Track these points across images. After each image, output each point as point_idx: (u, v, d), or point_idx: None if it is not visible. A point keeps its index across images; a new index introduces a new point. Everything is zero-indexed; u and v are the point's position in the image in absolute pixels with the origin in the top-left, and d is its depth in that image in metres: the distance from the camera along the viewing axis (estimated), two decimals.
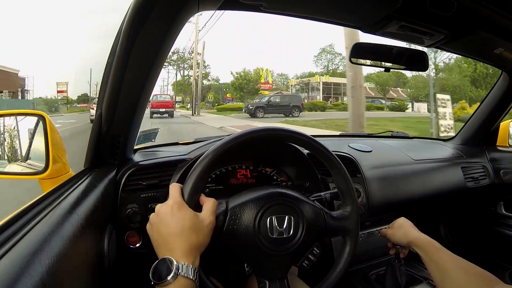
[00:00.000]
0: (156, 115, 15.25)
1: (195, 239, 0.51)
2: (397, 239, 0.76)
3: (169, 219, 0.51)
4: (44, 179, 0.69)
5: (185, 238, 0.50)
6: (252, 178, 0.87)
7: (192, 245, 0.50)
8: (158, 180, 0.73)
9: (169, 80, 37.24)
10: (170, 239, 0.50)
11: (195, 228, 0.51)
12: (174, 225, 0.51)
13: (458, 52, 0.93)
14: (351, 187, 0.65)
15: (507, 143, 1.35)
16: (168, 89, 36.18)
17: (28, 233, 0.40)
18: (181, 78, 34.99)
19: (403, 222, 0.78)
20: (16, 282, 0.31)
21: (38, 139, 0.71)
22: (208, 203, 0.56)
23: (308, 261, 0.62)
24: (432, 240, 0.69)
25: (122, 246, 0.68)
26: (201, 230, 0.52)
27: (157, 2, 0.49)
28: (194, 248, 0.51)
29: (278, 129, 0.63)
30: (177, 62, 34.39)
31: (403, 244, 0.75)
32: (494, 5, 0.63)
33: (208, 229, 0.53)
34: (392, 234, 0.78)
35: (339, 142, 1.16)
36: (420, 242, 0.70)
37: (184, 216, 0.52)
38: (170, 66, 35.12)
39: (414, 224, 0.77)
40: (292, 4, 0.64)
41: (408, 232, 0.74)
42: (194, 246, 0.51)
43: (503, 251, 1.28)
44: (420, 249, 0.69)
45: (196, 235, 0.51)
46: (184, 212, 0.52)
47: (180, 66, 35.00)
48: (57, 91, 22.34)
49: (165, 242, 0.51)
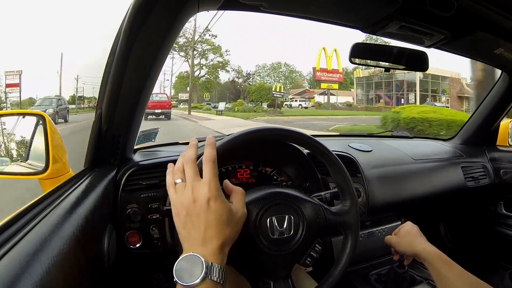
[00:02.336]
0: (151, 117, 13.76)
1: (228, 234, 0.47)
2: (402, 249, 0.73)
3: (202, 214, 0.45)
4: (44, 179, 0.69)
5: (220, 233, 0.46)
6: (252, 177, 0.87)
7: (224, 240, 0.46)
8: (158, 180, 0.73)
9: (173, 70, 30.92)
10: (204, 234, 0.45)
11: (229, 221, 0.47)
12: (211, 218, 0.45)
13: (458, 53, 0.93)
14: (349, 182, 0.65)
15: (507, 142, 1.35)
16: (171, 82, 31.61)
17: (28, 233, 0.40)
18: (190, 67, 27.93)
19: (409, 230, 0.74)
20: (16, 282, 0.31)
21: (38, 139, 0.71)
22: (238, 193, 0.51)
23: (310, 258, 0.62)
24: (440, 253, 0.67)
25: (122, 246, 0.68)
26: (235, 224, 0.48)
27: (157, 2, 0.49)
28: (226, 243, 0.46)
29: (278, 128, 0.63)
30: (186, 46, 27.27)
31: (409, 254, 0.73)
32: (494, 5, 0.63)
33: (241, 222, 0.50)
34: (397, 243, 0.74)
35: (339, 142, 1.16)
36: (427, 254, 0.67)
37: (222, 209, 0.46)
38: (175, 52, 28.10)
39: (414, 225, 0.76)
40: (292, 4, 0.64)
41: (414, 242, 0.71)
42: (226, 242, 0.46)
43: (503, 251, 1.28)
44: (427, 262, 0.67)
45: (230, 229, 0.47)
46: (222, 205, 0.46)
47: (188, 52, 27.54)
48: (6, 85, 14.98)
49: (197, 236, 0.45)
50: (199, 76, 31.20)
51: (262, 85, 28.98)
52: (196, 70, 30.96)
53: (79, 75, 19.12)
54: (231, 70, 33.95)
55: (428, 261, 0.66)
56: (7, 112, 0.74)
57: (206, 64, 30.78)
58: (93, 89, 27.69)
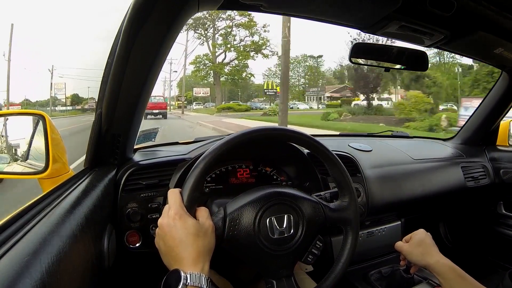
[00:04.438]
0: (150, 116, 15.79)
1: (201, 244, 0.52)
2: (414, 259, 0.71)
3: (173, 231, 0.52)
4: (44, 179, 0.69)
5: (191, 245, 0.51)
6: (252, 177, 0.87)
7: (199, 251, 0.51)
8: (158, 180, 0.73)
9: (186, 54, 20.14)
10: (177, 250, 0.51)
11: (198, 234, 0.52)
12: (179, 235, 0.51)
13: (458, 52, 0.93)
14: (348, 179, 0.65)
15: (507, 142, 1.35)
16: (170, 86, 23.40)
17: (28, 232, 0.40)
18: (211, 52, 19.92)
19: (423, 239, 0.72)
20: (16, 282, 0.31)
21: (38, 139, 0.71)
22: (200, 210, 0.57)
23: (312, 255, 0.62)
24: (454, 265, 0.65)
25: (122, 246, 0.68)
26: (204, 235, 0.53)
27: (157, 2, 0.49)
28: (201, 254, 0.51)
29: (277, 128, 0.63)
30: (203, 24, 18.68)
31: (420, 265, 0.71)
32: (494, 5, 0.63)
33: (210, 232, 0.54)
34: (409, 252, 0.72)
35: (339, 142, 1.16)
36: (440, 268, 0.65)
37: (187, 224, 0.52)
38: (193, 32, 18.79)
39: (427, 234, 0.74)
40: (292, 4, 0.64)
41: (427, 254, 0.69)
42: (201, 252, 0.51)
43: (503, 251, 1.28)
44: (441, 275, 0.65)
45: (201, 240, 0.52)
46: (186, 221, 0.52)
47: (205, 33, 19.29)
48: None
49: (173, 253, 0.51)
50: (224, 63, 20.63)
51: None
52: (220, 54, 20.58)
53: (55, 65, 15.12)
54: (271, 53, 22.02)
55: (441, 275, 0.65)
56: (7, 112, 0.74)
57: (235, 45, 20.72)
58: (87, 88, 22.90)
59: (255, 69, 24.86)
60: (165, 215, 0.54)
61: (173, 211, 0.53)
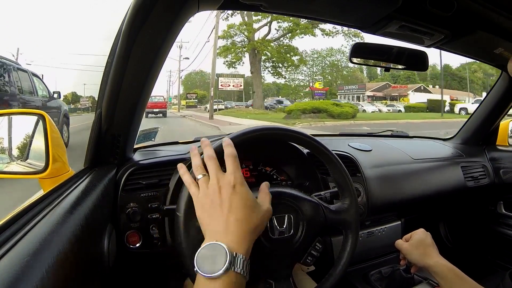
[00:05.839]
0: (151, 115, 16.99)
1: (254, 222, 0.45)
2: (413, 259, 0.71)
3: (230, 197, 0.45)
4: (44, 179, 0.69)
5: (246, 218, 0.44)
6: (252, 177, 0.87)
7: (250, 228, 0.44)
8: (158, 180, 0.73)
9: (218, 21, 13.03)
10: (227, 220, 0.43)
11: (255, 209, 0.46)
12: (236, 201, 0.44)
13: (458, 52, 0.93)
14: (349, 180, 0.65)
15: (507, 142, 1.35)
16: (168, 85, 22.18)
17: (28, 233, 0.40)
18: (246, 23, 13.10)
19: (423, 239, 0.72)
20: (16, 282, 0.31)
21: (38, 138, 0.71)
22: (263, 189, 0.52)
23: (311, 257, 0.62)
24: (453, 267, 0.65)
25: (122, 246, 0.68)
26: (260, 214, 0.47)
27: (157, 2, 0.49)
28: (251, 232, 0.45)
29: (277, 128, 0.63)
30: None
31: (419, 266, 0.71)
32: (494, 5, 0.63)
33: (267, 215, 0.49)
34: (408, 252, 0.72)
35: (338, 141, 1.16)
36: (439, 268, 0.65)
37: (248, 193, 0.46)
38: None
39: (427, 234, 0.74)
40: (292, 4, 0.64)
41: (426, 254, 0.69)
42: (251, 230, 0.45)
43: (503, 251, 1.28)
44: (440, 276, 0.65)
45: (256, 217, 0.46)
46: (248, 190, 0.46)
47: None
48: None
49: (220, 224, 0.44)
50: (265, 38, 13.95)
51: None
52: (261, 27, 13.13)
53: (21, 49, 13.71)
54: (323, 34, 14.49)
55: (441, 276, 0.64)
56: (7, 112, 0.74)
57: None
58: (83, 85, 22.35)
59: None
60: (224, 179, 0.46)
61: (233, 177, 0.46)
